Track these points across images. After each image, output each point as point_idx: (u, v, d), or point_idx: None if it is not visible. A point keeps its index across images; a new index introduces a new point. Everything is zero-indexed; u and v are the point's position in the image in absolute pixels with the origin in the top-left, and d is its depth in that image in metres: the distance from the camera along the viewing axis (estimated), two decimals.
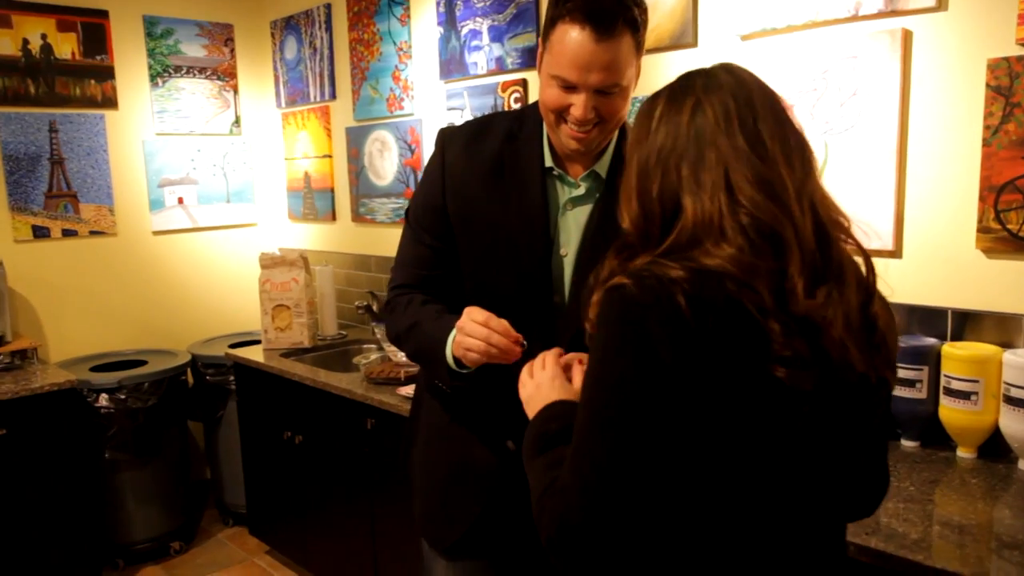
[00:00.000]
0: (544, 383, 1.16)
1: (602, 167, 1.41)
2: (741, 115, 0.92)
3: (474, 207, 1.43)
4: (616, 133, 1.40)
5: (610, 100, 1.28)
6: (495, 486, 1.47)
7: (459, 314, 1.32)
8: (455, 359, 1.33)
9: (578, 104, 1.28)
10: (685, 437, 0.86)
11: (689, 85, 0.97)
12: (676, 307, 0.83)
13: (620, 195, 1.01)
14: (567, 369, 1.17)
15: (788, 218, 0.88)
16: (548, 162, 1.41)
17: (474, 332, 1.27)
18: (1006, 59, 1.68)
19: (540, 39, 1.34)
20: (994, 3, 1.69)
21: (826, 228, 0.92)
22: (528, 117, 1.45)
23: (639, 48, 1.30)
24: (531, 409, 1.14)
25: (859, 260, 0.96)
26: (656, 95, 1.00)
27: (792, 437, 0.90)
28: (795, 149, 0.94)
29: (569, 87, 1.27)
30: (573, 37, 1.23)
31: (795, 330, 0.85)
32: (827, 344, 0.87)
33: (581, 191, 1.41)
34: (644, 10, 1.29)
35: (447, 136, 1.50)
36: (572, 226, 1.41)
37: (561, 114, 1.31)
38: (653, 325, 0.84)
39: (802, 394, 0.87)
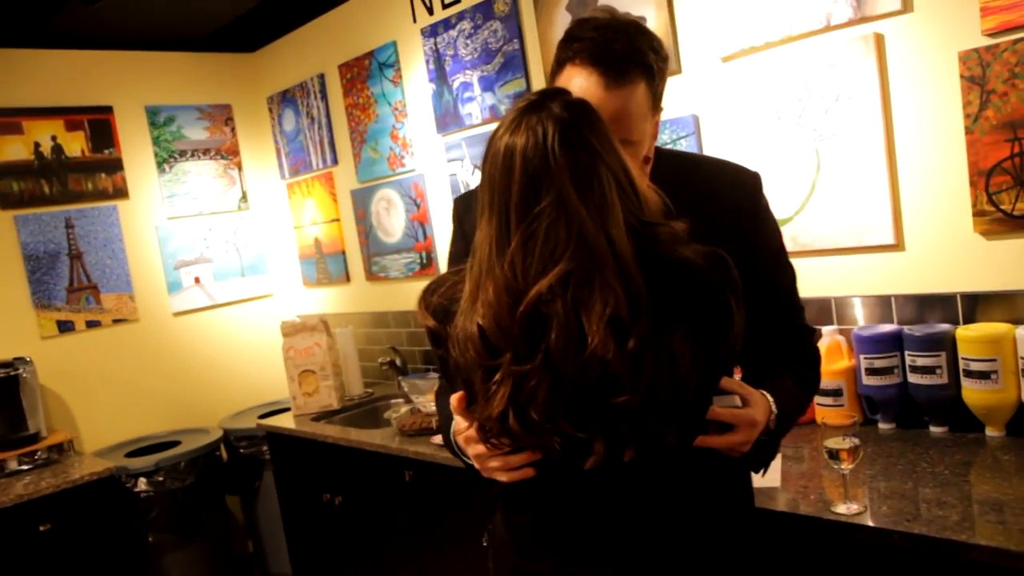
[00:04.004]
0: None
1: None
2: (501, 201, 0.95)
3: None
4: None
5: None
6: None
7: None
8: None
9: None
10: None
11: (492, 139, 1.00)
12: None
13: None
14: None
15: (500, 326, 0.93)
16: None
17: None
18: (975, 50, 1.75)
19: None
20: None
21: (543, 308, 0.90)
22: None
23: (655, 100, 1.16)
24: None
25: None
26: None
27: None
28: (553, 220, 0.91)
29: None
30: (580, 83, 1.11)
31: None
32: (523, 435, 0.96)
33: None
34: (663, 58, 1.16)
35: (463, 205, 1.38)
36: None
37: None
38: None
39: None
